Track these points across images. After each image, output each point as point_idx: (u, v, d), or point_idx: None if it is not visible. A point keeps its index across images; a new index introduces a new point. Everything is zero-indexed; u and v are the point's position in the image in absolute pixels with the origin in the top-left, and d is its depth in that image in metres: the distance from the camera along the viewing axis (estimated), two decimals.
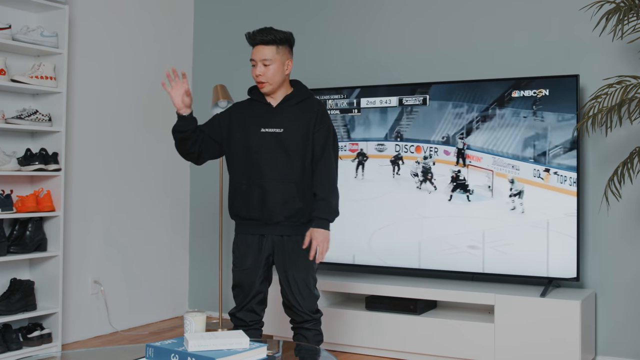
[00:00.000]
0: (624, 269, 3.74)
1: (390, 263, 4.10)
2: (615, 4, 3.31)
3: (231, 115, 3.00)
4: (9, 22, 3.80)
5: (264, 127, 2.92)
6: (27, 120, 3.77)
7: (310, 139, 2.92)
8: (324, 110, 2.99)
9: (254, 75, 2.92)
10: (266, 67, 2.89)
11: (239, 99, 4.77)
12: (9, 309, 3.68)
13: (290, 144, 2.90)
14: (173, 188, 4.97)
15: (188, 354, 2.09)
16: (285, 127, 2.91)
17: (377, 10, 4.47)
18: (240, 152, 2.95)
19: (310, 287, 2.96)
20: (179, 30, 5.03)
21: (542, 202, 3.73)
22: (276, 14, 4.80)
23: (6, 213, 3.67)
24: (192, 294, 5.09)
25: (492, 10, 4.13)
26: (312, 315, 2.98)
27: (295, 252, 2.92)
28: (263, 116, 2.94)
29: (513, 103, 3.82)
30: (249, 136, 2.93)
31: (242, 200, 2.94)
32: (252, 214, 2.93)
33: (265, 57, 2.89)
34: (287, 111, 2.94)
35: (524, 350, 3.56)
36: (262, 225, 2.93)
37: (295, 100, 2.97)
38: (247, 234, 2.97)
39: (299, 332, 3.01)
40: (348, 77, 4.48)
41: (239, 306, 3.01)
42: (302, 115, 2.93)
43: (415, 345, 3.83)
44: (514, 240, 3.79)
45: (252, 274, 2.96)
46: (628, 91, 3.30)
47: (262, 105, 2.98)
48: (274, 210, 2.89)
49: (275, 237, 2.94)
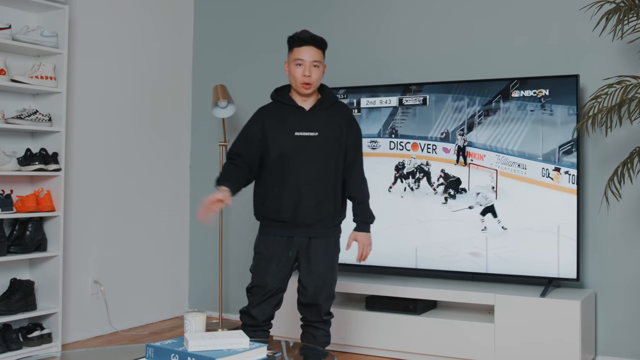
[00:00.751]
0: (624, 269, 3.74)
1: (390, 263, 4.10)
2: (615, 4, 3.31)
3: (263, 121, 2.97)
4: (9, 22, 3.80)
5: (297, 131, 2.92)
6: (27, 120, 3.77)
7: (342, 144, 2.95)
8: (352, 115, 3.07)
9: (301, 76, 2.89)
10: (315, 68, 2.90)
11: (239, 99, 4.80)
12: (9, 309, 3.68)
13: (324, 148, 2.92)
14: (173, 188, 4.97)
15: (188, 354, 2.09)
16: (320, 131, 2.92)
17: (377, 10, 4.47)
18: (274, 154, 2.93)
19: (332, 288, 3.00)
20: (179, 30, 5.03)
21: (542, 201, 3.73)
22: (276, 14, 4.80)
23: (6, 213, 3.67)
24: (192, 294, 5.09)
25: (492, 11, 4.13)
26: (326, 315, 3.02)
27: (321, 253, 2.95)
28: (295, 120, 2.94)
29: (513, 103, 3.82)
30: (282, 140, 2.92)
31: (274, 202, 2.93)
32: (284, 216, 2.92)
33: (315, 59, 2.90)
34: (319, 115, 2.96)
35: (524, 350, 3.56)
36: (293, 228, 2.93)
37: (327, 104, 2.99)
38: (276, 235, 2.96)
39: (307, 331, 3.02)
40: (348, 76, 4.48)
41: (253, 303, 2.98)
42: (334, 120, 2.96)
43: (415, 345, 3.83)
44: (514, 240, 3.79)
45: (276, 277, 2.95)
46: (628, 91, 3.30)
47: (293, 108, 2.97)
48: (306, 212, 2.90)
49: (302, 239, 2.94)
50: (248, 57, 4.90)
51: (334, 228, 3.01)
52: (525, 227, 3.77)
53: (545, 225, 3.71)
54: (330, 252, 2.98)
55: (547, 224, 3.71)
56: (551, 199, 3.71)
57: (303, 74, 2.89)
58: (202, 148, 5.06)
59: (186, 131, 5.10)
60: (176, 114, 5.01)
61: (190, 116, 5.12)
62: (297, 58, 2.90)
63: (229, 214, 4.90)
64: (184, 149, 5.08)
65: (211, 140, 4.99)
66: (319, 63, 2.91)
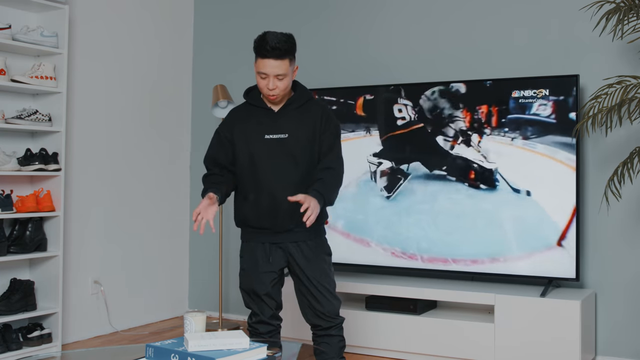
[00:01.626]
0: (624, 269, 3.74)
1: (390, 263, 4.10)
2: (615, 4, 3.31)
3: (233, 125, 2.89)
4: (9, 22, 3.80)
5: (267, 134, 2.83)
6: (27, 120, 3.77)
7: (316, 143, 2.84)
8: (328, 112, 2.92)
9: (265, 88, 2.77)
10: (280, 80, 2.76)
11: (239, 99, 4.78)
12: (9, 309, 3.68)
13: (295, 149, 2.81)
14: (173, 188, 4.97)
15: (188, 354, 2.09)
16: (290, 132, 2.83)
17: (378, 10, 4.47)
18: (245, 160, 2.84)
19: (332, 290, 2.91)
20: (179, 30, 5.03)
21: (542, 201, 3.73)
22: (276, 14, 4.80)
23: (6, 213, 3.67)
24: (192, 294, 5.09)
25: (492, 11, 4.13)
26: (337, 318, 2.93)
27: (314, 256, 2.87)
28: (265, 122, 2.84)
29: (513, 102, 3.82)
30: (252, 143, 2.83)
31: (251, 209, 2.85)
32: (263, 223, 2.84)
33: (279, 72, 2.74)
34: (289, 115, 2.85)
35: (524, 350, 3.56)
36: (274, 234, 2.86)
37: (297, 103, 2.87)
38: (258, 242, 2.88)
39: (323, 341, 2.93)
40: (348, 77, 4.48)
41: (254, 317, 2.93)
42: (306, 119, 2.85)
43: (415, 345, 3.83)
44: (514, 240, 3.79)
45: (261, 282, 2.87)
46: (628, 91, 3.30)
47: (262, 110, 2.86)
48: (284, 217, 2.81)
49: (290, 245, 2.86)
50: (248, 57, 4.85)
51: (317, 229, 2.88)
52: (525, 227, 3.77)
53: (545, 225, 3.71)
54: (318, 254, 2.88)
55: (547, 223, 3.71)
56: (551, 199, 3.71)
57: (267, 87, 2.77)
58: (202, 148, 5.05)
59: (186, 131, 5.10)
60: (176, 114, 5.01)
61: (190, 116, 5.12)
62: (260, 71, 2.75)
63: (229, 214, 4.90)
64: (184, 149, 5.08)
65: None
66: (283, 76, 2.74)
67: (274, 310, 2.94)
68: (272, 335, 2.94)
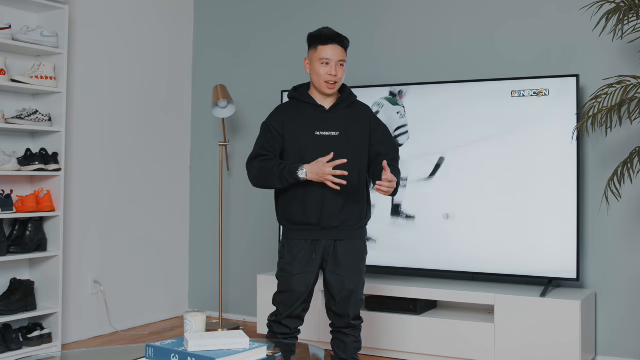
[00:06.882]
0: (624, 269, 3.74)
1: (390, 263, 4.10)
2: (615, 4, 3.31)
3: (283, 119, 2.88)
4: (9, 22, 3.80)
5: (318, 130, 2.85)
6: (27, 120, 3.77)
7: (367, 143, 2.88)
8: (374, 114, 3.00)
9: (327, 75, 2.81)
10: (341, 67, 2.83)
11: (238, 99, 4.80)
12: (9, 309, 3.68)
13: (346, 147, 2.82)
14: (173, 188, 4.97)
15: (188, 354, 2.09)
16: (341, 130, 2.85)
17: (378, 10, 4.47)
18: (294, 154, 2.84)
19: (360, 292, 2.92)
20: (179, 30, 5.04)
21: (542, 201, 3.73)
22: (276, 13, 4.80)
23: (6, 213, 3.67)
24: (192, 294, 5.09)
25: (492, 10, 4.13)
26: (355, 321, 2.93)
27: (349, 256, 2.87)
28: (316, 119, 2.85)
29: (513, 101, 3.82)
30: (302, 139, 2.84)
31: (299, 205, 2.84)
32: (310, 219, 2.84)
33: (342, 58, 2.83)
34: (340, 114, 2.88)
35: (524, 350, 3.56)
36: (318, 230, 2.85)
37: (346, 103, 2.92)
38: (300, 239, 2.87)
39: (337, 337, 2.95)
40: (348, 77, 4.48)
41: (284, 313, 2.90)
42: (358, 118, 2.90)
43: (415, 345, 3.83)
44: (514, 240, 3.79)
45: (301, 280, 2.86)
46: (628, 91, 3.30)
47: (312, 107, 2.88)
48: (332, 214, 2.82)
49: (328, 242, 2.86)
50: (248, 57, 4.90)
51: (359, 230, 2.91)
52: (525, 227, 3.77)
53: (545, 225, 3.71)
54: (358, 254, 2.89)
55: (547, 224, 3.71)
56: (551, 199, 3.71)
57: (329, 73, 2.81)
58: (202, 148, 5.06)
59: (186, 131, 5.10)
60: (176, 114, 5.01)
61: (190, 116, 5.12)
62: (323, 57, 2.81)
63: (229, 214, 4.90)
64: (184, 149, 5.08)
65: (211, 140, 4.99)
66: (344, 62, 2.84)
67: (301, 317, 2.93)
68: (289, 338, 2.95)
